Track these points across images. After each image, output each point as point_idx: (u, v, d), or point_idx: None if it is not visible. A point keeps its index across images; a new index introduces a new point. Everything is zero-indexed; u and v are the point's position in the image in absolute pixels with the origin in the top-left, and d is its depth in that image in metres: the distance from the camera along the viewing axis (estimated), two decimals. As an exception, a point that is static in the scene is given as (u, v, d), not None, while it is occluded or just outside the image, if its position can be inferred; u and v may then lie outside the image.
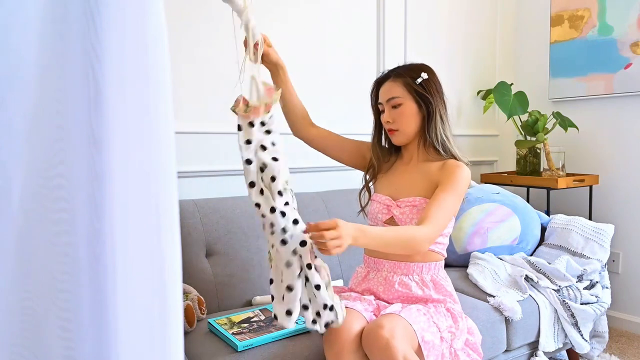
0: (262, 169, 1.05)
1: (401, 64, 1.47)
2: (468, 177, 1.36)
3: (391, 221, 1.40)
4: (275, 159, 1.06)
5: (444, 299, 1.37)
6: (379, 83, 1.47)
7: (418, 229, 1.23)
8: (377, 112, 1.49)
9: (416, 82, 1.38)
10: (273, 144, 1.07)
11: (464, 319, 1.37)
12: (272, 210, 1.04)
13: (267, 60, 1.31)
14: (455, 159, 1.40)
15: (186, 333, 1.40)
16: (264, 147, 1.06)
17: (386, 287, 1.39)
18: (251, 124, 1.05)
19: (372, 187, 1.54)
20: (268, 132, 1.06)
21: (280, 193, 1.05)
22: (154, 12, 0.57)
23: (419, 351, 1.19)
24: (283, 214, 1.04)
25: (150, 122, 0.58)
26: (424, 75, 1.39)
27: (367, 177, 1.52)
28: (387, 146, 1.52)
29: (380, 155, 1.49)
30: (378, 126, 1.51)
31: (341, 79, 2.24)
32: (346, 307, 1.29)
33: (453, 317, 1.34)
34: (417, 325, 1.21)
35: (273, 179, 1.05)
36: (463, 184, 1.34)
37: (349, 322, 1.22)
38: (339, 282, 1.76)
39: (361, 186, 1.54)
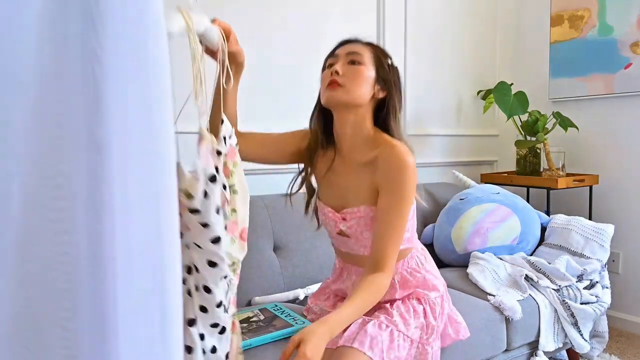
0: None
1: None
2: (415, 177, 1.19)
3: (342, 232, 1.30)
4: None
5: (412, 292, 1.29)
6: (341, 43, 1.26)
7: (379, 282, 1.14)
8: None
9: (384, 62, 1.23)
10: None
11: (441, 305, 1.29)
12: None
13: (235, 62, 1.04)
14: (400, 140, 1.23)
15: (186, 333, 1.40)
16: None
17: None
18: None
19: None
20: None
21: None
22: (154, 12, 0.57)
23: None
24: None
25: (151, 122, 0.58)
26: (392, 62, 1.25)
27: (303, 168, 1.34)
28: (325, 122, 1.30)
29: (319, 131, 1.29)
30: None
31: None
32: None
33: (424, 310, 1.26)
34: (377, 348, 1.12)
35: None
36: (412, 189, 1.19)
37: None
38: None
39: (294, 180, 1.35)
